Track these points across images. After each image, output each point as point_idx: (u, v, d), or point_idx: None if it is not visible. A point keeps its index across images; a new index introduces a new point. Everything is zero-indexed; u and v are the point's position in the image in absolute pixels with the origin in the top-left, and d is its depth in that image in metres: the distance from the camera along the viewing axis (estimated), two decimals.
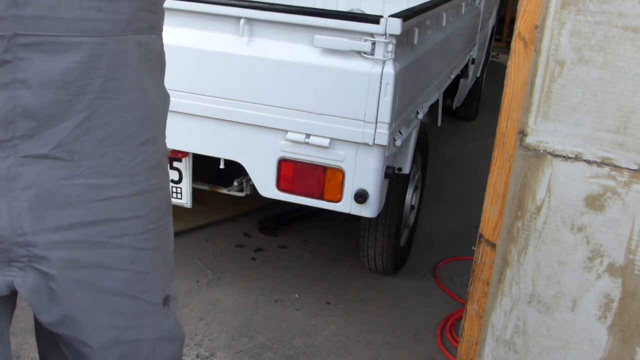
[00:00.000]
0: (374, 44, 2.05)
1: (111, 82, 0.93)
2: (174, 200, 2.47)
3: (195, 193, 2.50)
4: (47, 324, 1.04)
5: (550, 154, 1.46)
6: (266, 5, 2.12)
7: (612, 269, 1.47)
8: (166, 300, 1.16)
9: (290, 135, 2.18)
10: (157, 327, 1.15)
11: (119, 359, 1.11)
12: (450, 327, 2.56)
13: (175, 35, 2.20)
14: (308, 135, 2.17)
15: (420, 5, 2.44)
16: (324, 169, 2.20)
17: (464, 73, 4.30)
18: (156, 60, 1.04)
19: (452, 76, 3.51)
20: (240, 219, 3.35)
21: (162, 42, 1.07)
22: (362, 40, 2.05)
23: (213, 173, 2.46)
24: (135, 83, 0.98)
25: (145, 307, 1.11)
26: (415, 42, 2.36)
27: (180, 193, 2.45)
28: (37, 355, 1.37)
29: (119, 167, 0.98)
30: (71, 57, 0.88)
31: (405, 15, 2.08)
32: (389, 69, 2.06)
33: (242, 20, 2.13)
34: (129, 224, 1.02)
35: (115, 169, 0.98)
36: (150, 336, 1.14)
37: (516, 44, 1.44)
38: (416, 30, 2.35)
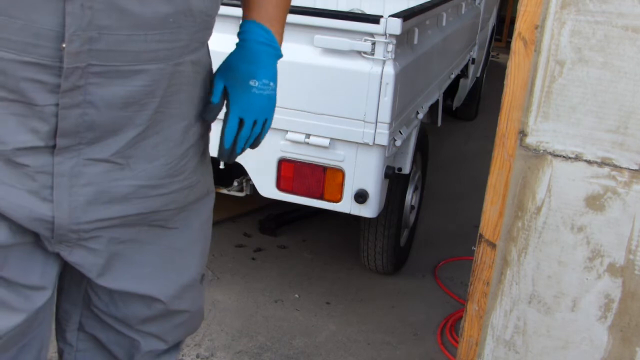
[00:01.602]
0: (374, 44, 2.05)
1: (166, 98, 1.06)
2: None
3: None
4: (101, 283, 1.18)
5: (550, 154, 1.46)
6: None
7: (612, 269, 1.47)
8: (202, 278, 1.32)
9: (290, 135, 2.18)
10: (195, 301, 1.32)
11: (155, 322, 1.27)
12: (450, 327, 2.56)
13: None
14: (308, 135, 2.17)
15: (420, 5, 2.44)
16: (324, 169, 2.20)
17: (464, 73, 4.29)
18: (204, 72, 1.16)
19: (452, 76, 3.51)
20: (240, 219, 3.35)
21: (208, 50, 1.18)
22: (362, 40, 2.05)
23: (213, 173, 2.46)
24: (186, 97, 1.11)
25: (185, 281, 1.26)
26: (415, 42, 2.36)
27: None
28: None
29: (167, 170, 1.12)
30: (134, 82, 1.01)
31: (405, 15, 2.08)
32: (389, 69, 2.06)
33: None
34: (170, 213, 1.17)
35: (163, 171, 1.12)
36: (188, 308, 1.31)
37: (516, 44, 1.44)
38: (416, 30, 2.35)
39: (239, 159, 2.28)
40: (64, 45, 0.93)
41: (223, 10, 2.17)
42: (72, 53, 0.94)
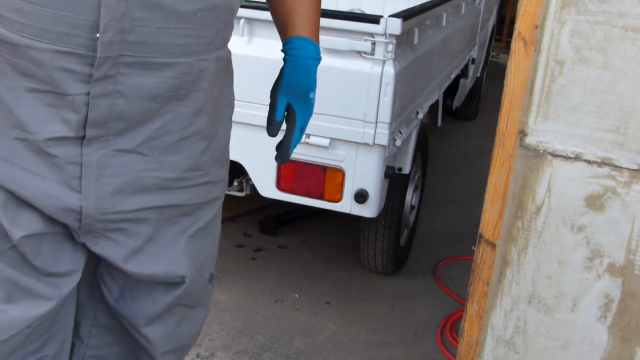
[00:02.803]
0: (374, 44, 2.05)
1: (191, 93, 1.10)
2: None
3: None
4: (130, 272, 1.19)
5: (550, 154, 1.46)
6: (266, 5, 2.12)
7: (612, 269, 1.47)
8: (212, 278, 1.35)
9: None
10: (203, 301, 1.34)
11: (161, 320, 1.27)
12: (450, 327, 2.56)
13: None
14: (308, 135, 2.17)
15: (420, 5, 2.45)
16: (324, 169, 2.20)
17: (464, 73, 4.29)
18: (226, 68, 1.20)
19: (452, 76, 3.51)
20: (240, 219, 3.35)
21: (229, 50, 1.21)
22: (362, 40, 2.05)
23: None
24: (210, 93, 1.14)
25: (200, 277, 1.28)
26: (415, 42, 2.36)
27: None
28: None
29: (190, 163, 1.15)
30: (163, 74, 1.04)
31: (405, 15, 2.08)
32: (389, 69, 2.06)
33: (242, 20, 2.13)
34: (192, 207, 1.20)
35: (187, 164, 1.15)
36: (195, 304, 1.32)
37: (516, 44, 1.44)
38: (416, 30, 2.35)
39: (239, 159, 2.29)
40: (97, 35, 0.96)
41: None
42: (105, 43, 0.97)
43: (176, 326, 1.31)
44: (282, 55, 1.29)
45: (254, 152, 2.25)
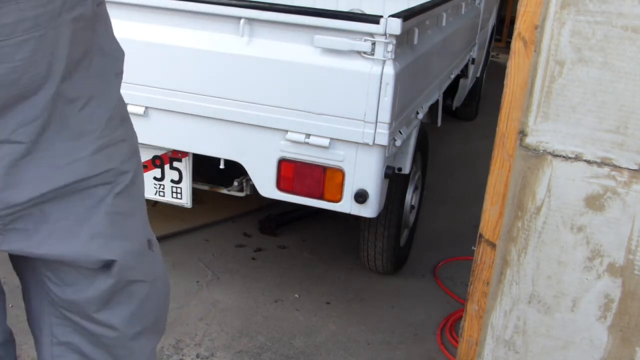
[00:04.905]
0: (374, 44, 2.05)
1: (54, 66, 1.00)
2: (174, 201, 2.47)
3: (195, 193, 2.50)
4: (42, 256, 1.13)
5: (550, 154, 1.46)
6: (266, 5, 2.12)
7: (612, 269, 1.47)
8: (150, 244, 1.26)
9: (290, 135, 2.18)
10: (150, 270, 1.26)
11: (115, 302, 1.21)
12: (450, 327, 2.56)
13: (176, 35, 2.20)
14: (308, 135, 2.17)
15: (420, 5, 2.44)
16: (323, 169, 2.20)
17: (464, 73, 4.29)
18: (92, 25, 1.09)
19: (452, 76, 3.51)
20: (240, 219, 3.35)
21: (91, 2, 1.09)
22: (362, 40, 2.05)
23: (213, 173, 2.46)
24: (80, 55, 1.05)
25: (134, 247, 1.20)
26: (415, 42, 2.36)
27: (180, 193, 2.45)
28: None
29: (79, 128, 1.07)
30: (16, 56, 0.94)
31: (405, 15, 2.08)
32: (389, 69, 2.06)
33: (242, 20, 2.13)
34: (98, 178, 1.12)
35: (76, 132, 1.06)
36: (143, 278, 1.25)
37: (516, 44, 1.44)
38: (416, 30, 2.35)
39: (239, 159, 2.29)
40: None
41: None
42: None
43: (134, 304, 1.26)
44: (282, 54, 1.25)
45: (254, 152, 2.25)
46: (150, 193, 2.46)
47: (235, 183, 2.51)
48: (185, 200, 2.46)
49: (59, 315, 1.25)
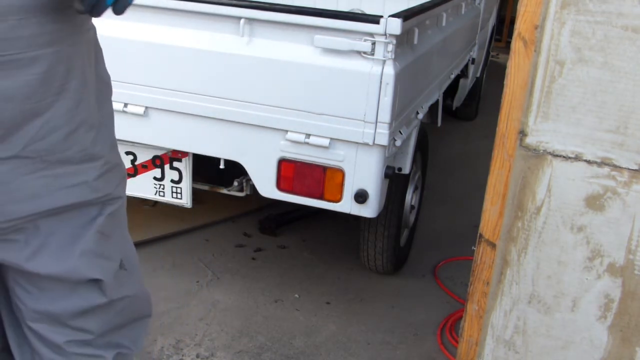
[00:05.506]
0: (374, 44, 2.05)
1: (66, 85, 1.01)
2: (174, 201, 2.47)
3: (195, 193, 2.50)
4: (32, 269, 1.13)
5: (550, 154, 1.46)
6: (266, 5, 2.12)
7: (612, 269, 1.47)
8: (121, 264, 1.28)
9: (290, 135, 2.18)
10: (132, 286, 1.29)
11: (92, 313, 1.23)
12: (450, 327, 2.56)
13: (176, 35, 2.20)
14: (308, 135, 2.17)
15: (420, 5, 2.44)
16: (323, 169, 2.20)
17: (464, 73, 4.29)
18: (95, 47, 1.12)
19: (452, 76, 3.51)
20: (240, 219, 3.35)
21: (93, 25, 1.12)
22: (362, 40, 2.05)
23: (213, 173, 2.46)
24: (93, 78, 1.07)
25: (113, 267, 1.23)
26: (415, 42, 2.36)
27: (180, 193, 2.45)
28: None
29: (83, 155, 1.08)
30: (32, 70, 0.94)
31: (405, 15, 2.08)
32: (389, 69, 2.06)
33: (242, 20, 2.13)
34: (94, 201, 1.14)
35: (78, 157, 1.08)
36: (127, 293, 1.28)
37: (516, 44, 1.44)
38: (416, 30, 2.35)
39: (239, 159, 2.29)
40: None
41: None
42: None
43: (111, 313, 1.27)
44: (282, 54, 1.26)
45: (254, 152, 2.25)
46: (150, 193, 2.46)
47: (235, 183, 2.51)
48: (185, 200, 2.46)
49: (17, 325, 1.25)
